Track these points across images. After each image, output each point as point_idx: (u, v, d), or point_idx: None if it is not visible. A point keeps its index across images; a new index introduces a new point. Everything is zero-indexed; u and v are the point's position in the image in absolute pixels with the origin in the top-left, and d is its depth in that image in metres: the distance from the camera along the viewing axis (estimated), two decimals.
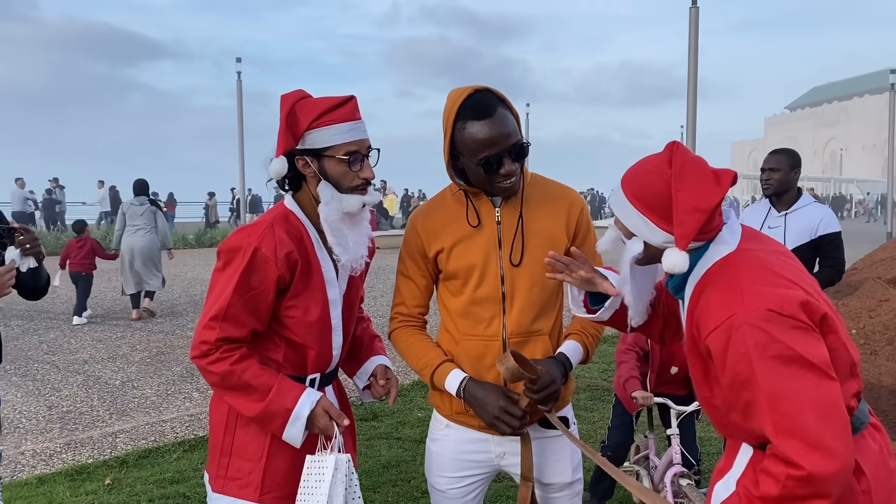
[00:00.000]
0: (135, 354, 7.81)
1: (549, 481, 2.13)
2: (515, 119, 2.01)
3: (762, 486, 1.47)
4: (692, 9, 13.61)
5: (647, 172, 1.65)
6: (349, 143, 1.93)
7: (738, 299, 1.50)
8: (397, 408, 5.80)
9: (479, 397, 1.98)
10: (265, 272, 1.90)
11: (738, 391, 1.50)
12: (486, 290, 2.04)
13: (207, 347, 1.88)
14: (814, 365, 1.44)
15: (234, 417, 2.00)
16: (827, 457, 1.39)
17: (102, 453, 4.89)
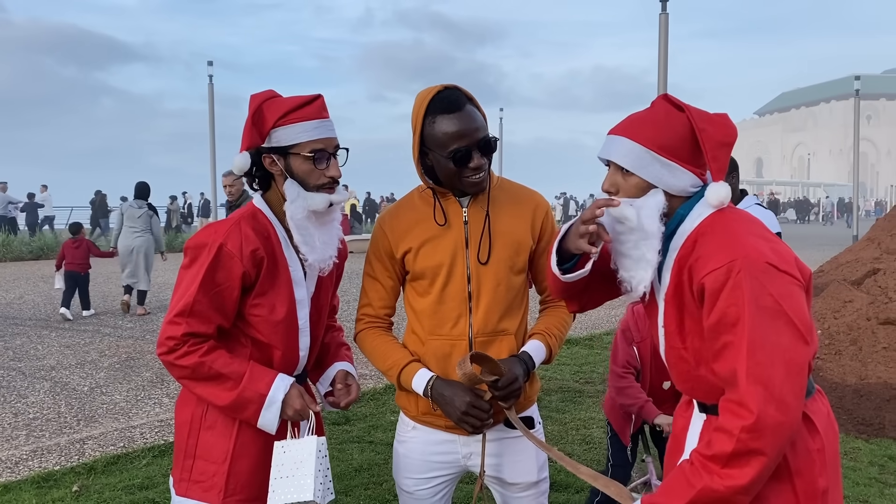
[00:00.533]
0: (104, 360, 7.71)
1: (515, 480, 2.14)
2: (483, 117, 2.05)
3: (715, 444, 1.52)
4: (662, 15, 13.79)
5: (662, 120, 1.65)
6: (315, 141, 1.93)
7: (740, 247, 1.54)
8: (370, 411, 5.80)
9: (447, 395, 1.99)
10: (230, 268, 1.90)
11: (720, 333, 1.54)
12: (453, 289, 2.06)
13: (174, 343, 1.88)
14: (795, 325, 1.52)
15: (198, 419, 1.99)
16: (781, 409, 1.47)
17: (70, 460, 4.82)
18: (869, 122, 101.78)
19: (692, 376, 1.69)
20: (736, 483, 1.49)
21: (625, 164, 1.64)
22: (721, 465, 1.51)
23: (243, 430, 1.99)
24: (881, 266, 7.31)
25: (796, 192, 60.80)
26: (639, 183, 1.65)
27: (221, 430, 1.98)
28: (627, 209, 1.64)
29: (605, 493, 1.75)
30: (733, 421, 1.50)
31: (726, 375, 1.54)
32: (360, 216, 27.12)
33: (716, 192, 1.62)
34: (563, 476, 4.31)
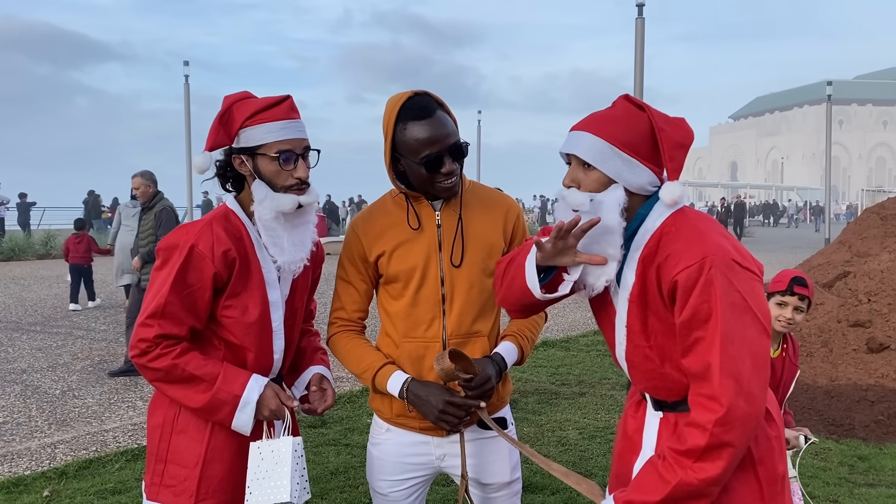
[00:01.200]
0: (76, 363, 7.61)
1: (488, 481, 2.16)
2: (454, 122, 2.06)
3: (689, 439, 1.56)
4: (638, 19, 13.90)
5: (624, 118, 1.67)
6: (282, 142, 1.92)
7: (709, 245, 1.58)
8: (346, 414, 5.78)
9: (423, 396, 2.00)
10: (202, 269, 1.89)
11: (692, 329, 1.57)
12: (427, 292, 2.07)
13: (147, 345, 1.87)
14: (759, 320, 1.58)
15: (169, 423, 1.98)
16: (749, 402, 1.53)
17: (41, 465, 4.76)
18: (841, 127, 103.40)
19: (657, 374, 1.71)
20: (709, 475, 1.54)
21: (587, 157, 1.66)
22: (694, 459, 1.54)
23: (216, 434, 1.97)
24: (851, 269, 7.43)
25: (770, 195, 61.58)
26: (600, 177, 1.66)
27: (193, 433, 1.96)
28: (584, 198, 1.65)
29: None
30: (705, 415, 1.54)
31: (697, 370, 1.57)
32: (337, 218, 27.02)
33: (670, 190, 1.65)
34: (539, 478, 4.33)
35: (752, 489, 1.67)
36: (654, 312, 1.67)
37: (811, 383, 5.83)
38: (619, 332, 1.76)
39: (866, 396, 5.54)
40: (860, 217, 10.13)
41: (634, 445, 1.81)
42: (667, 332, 1.67)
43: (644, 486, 1.61)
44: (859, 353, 6.06)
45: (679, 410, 1.73)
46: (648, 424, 1.79)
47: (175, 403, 1.97)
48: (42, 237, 21.32)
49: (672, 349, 1.67)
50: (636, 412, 1.85)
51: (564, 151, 1.72)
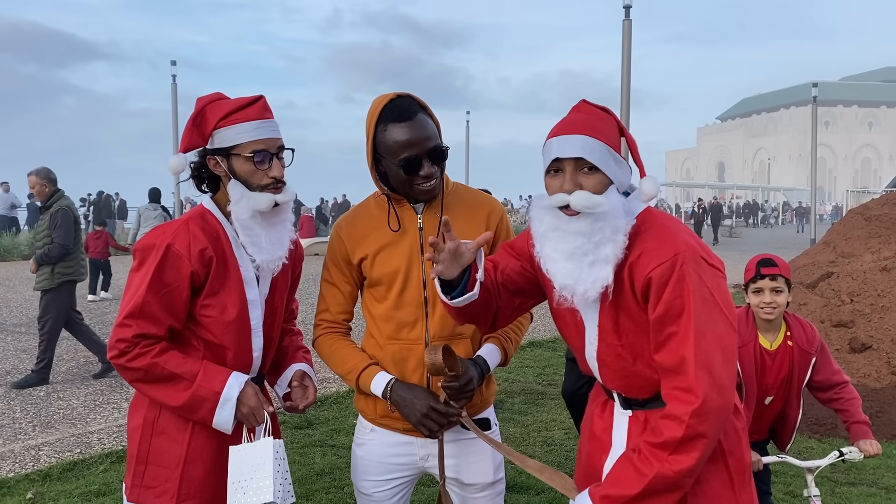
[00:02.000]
0: (61, 364, 7.57)
1: (471, 482, 2.17)
2: (436, 126, 2.07)
3: (665, 432, 1.59)
4: (625, 21, 13.97)
5: (602, 120, 1.69)
6: (256, 142, 1.94)
7: (679, 242, 1.63)
8: (332, 415, 5.78)
9: (406, 398, 2.01)
10: (179, 268, 1.90)
11: (666, 324, 1.61)
12: (410, 295, 2.08)
13: (125, 345, 1.87)
14: (726, 315, 1.63)
15: (150, 424, 1.98)
16: (721, 393, 1.58)
17: (24, 467, 4.73)
18: (827, 128, 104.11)
19: (629, 372, 1.73)
20: (684, 467, 1.58)
21: (593, 159, 1.63)
22: (670, 452, 1.58)
23: (196, 435, 1.98)
24: (835, 269, 7.50)
25: (756, 195, 61.93)
26: (602, 180, 1.65)
27: (174, 434, 1.97)
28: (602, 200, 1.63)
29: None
30: (682, 407, 1.57)
31: (671, 364, 1.60)
32: (326, 218, 26.98)
33: (651, 184, 1.69)
34: (525, 477, 4.35)
35: (724, 479, 1.72)
36: (626, 311, 1.70)
37: None
38: (589, 333, 1.78)
39: None
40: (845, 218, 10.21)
41: (604, 445, 1.84)
42: (637, 331, 1.69)
43: (620, 481, 1.64)
44: (842, 353, 6.12)
45: (649, 408, 1.76)
46: (617, 423, 1.81)
47: (155, 404, 1.97)
48: (28, 238, 21.16)
49: (643, 347, 1.70)
50: (602, 412, 1.87)
51: (573, 156, 1.64)
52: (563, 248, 1.66)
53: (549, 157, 1.69)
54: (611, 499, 1.63)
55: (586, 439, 1.93)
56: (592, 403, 1.96)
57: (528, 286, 1.91)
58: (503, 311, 1.93)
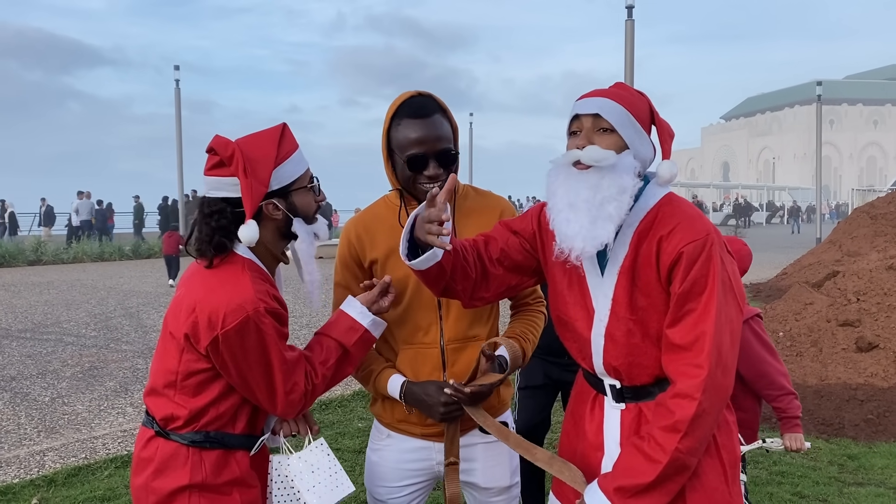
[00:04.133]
0: (66, 370, 7.58)
1: (487, 486, 2.14)
2: (453, 130, 2.06)
3: (677, 411, 1.60)
4: (628, 21, 13.95)
5: (631, 94, 1.73)
6: (308, 170, 1.90)
7: (707, 224, 1.68)
8: (337, 419, 5.77)
9: (419, 395, 2.01)
10: (282, 324, 1.81)
11: (687, 301, 1.63)
12: (422, 298, 2.06)
13: (305, 398, 1.85)
14: (737, 300, 1.68)
15: (196, 487, 1.82)
16: (724, 374, 1.63)
17: (29, 472, 4.73)
18: (832, 127, 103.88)
19: (637, 350, 1.73)
20: (691, 445, 1.60)
21: (610, 117, 1.68)
22: (683, 432, 1.59)
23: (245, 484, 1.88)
24: (841, 268, 7.47)
25: (762, 195, 61.78)
26: (617, 141, 1.68)
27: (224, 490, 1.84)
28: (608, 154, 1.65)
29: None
30: (691, 381, 1.60)
31: (686, 340, 1.62)
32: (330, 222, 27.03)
33: (668, 167, 1.72)
34: None
35: (718, 472, 1.73)
36: (642, 286, 1.70)
37: (801, 383, 5.85)
38: (600, 308, 1.76)
39: (856, 396, 5.55)
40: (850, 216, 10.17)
41: (597, 444, 1.82)
42: (648, 307, 1.70)
43: (632, 470, 1.63)
44: (849, 352, 6.09)
45: (643, 399, 1.75)
46: (608, 419, 1.81)
47: (200, 467, 1.82)
48: (32, 243, 21.22)
49: (652, 324, 1.70)
50: (592, 410, 1.86)
51: (588, 112, 1.70)
52: (567, 201, 1.69)
53: (570, 117, 1.75)
54: (625, 490, 1.62)
55: (575, 438, 1.90)
56: (577, 401, 1.94)
57: (526, 263, 1.92)
58: (493, 285, 1.91)
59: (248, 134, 1.86)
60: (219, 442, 1.83)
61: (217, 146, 1.81)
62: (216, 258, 1.81)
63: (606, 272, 1.74)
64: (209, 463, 1.82)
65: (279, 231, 1.88)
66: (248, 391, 1.80)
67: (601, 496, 1.66)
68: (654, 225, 1.69)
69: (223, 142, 1.81)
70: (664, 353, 1.68)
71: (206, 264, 1.81)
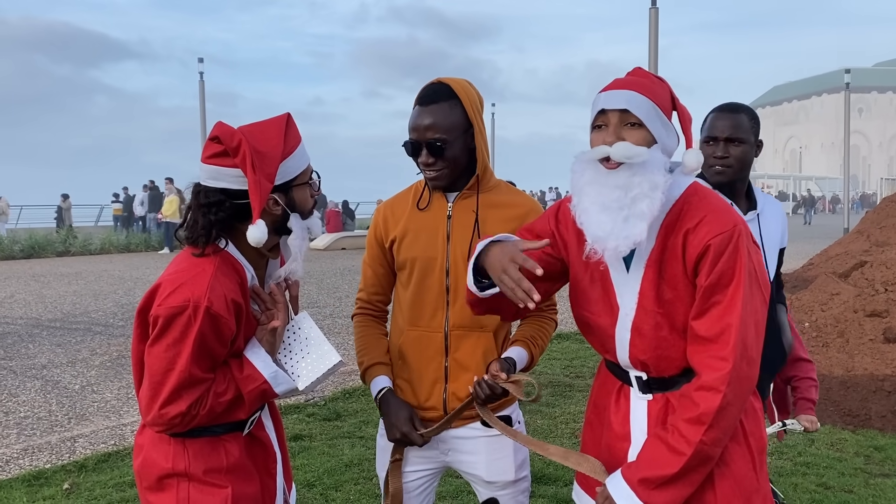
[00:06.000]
0: (95, 359, 7.71)
1: (492, 479, 2.16)
2: (468, 119, 2.05)
3: (702, 403, 1.60)
4: (652, 9, 13.82)
5: (654, 83, 1.70)
6: (308, 168, 1.85)
7: (734, 215, 1.66)
8: (360, 407, 5.82)
9: (389, 412, 2.09)
10: (221, 332, 1.72)
11: (714, 293, 1.62)
12: (432, 281, 2.10)
13: (182, 418, 1.72)
14: (762, 292, 1.66)
15: (183, 475, 1.80)
16: (750, 365, 1.62)
17: (61, 458, 4.83)
18: (861, 115, 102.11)
19: (664, 343, 1.71)
20: (716, 437, 1.60)
21: (639, 113, 1.64)
22: (707, 424, 1.58)
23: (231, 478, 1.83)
24: (869, 259, 7.37)
25: (788, 185, 60.97)
26: (645, 136, 1.65)
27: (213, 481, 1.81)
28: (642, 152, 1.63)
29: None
30: (715, 373, 1.59)
31: (712, 332, 1.61)
32: (352, 213, 27.12)
33: (695, 156, 1.68)
34: (553, 469, 4.35)
35: (746, 460, 1.72)
36: (668, 279, 1.69)
37: (827, 374, 5.80)
38: (626, 302, 1.75)
39: (883, 387, 5.49)
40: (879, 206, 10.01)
41: (623, 434, 1.82)
42: (674, 300, 1.69)
43: (656, 461, 1.63)
44: (876, 343, 6.01)
45: (670, 389, 1.75)
46: (635, 411, 1.80)
47: (183, 454, 1.80)
48: (62, 234, 21.55)
49: (678, 317, 1.69)
50: (617, 401, 1.85)
51: (616, 107, 1.65)
52: (599, 201, 1.66)
53: (595, 111, 1.71)
54: (649, 481, 1.62)
55: (600, 428, 1.90)
56: (600, 392, 1.93)
57: (552, 268, 1.90)
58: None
59: (253, 123, 1.77)
60: (202, 429, 1.79)
61: (222, 135, 1.71)
62: (207, 249, 1.75)
63: (633, 266, 1.73)
64: (192, 451, 1.78)
65: (273, 226, 1.80)
66: (147, 379, 1.72)
67: (625, 486, 1.66)
68: (680, 217, 1.68)
69: (228, 131, 1.71)
70: (689, 345, 1.67)
71: (197, 253, 1.75)
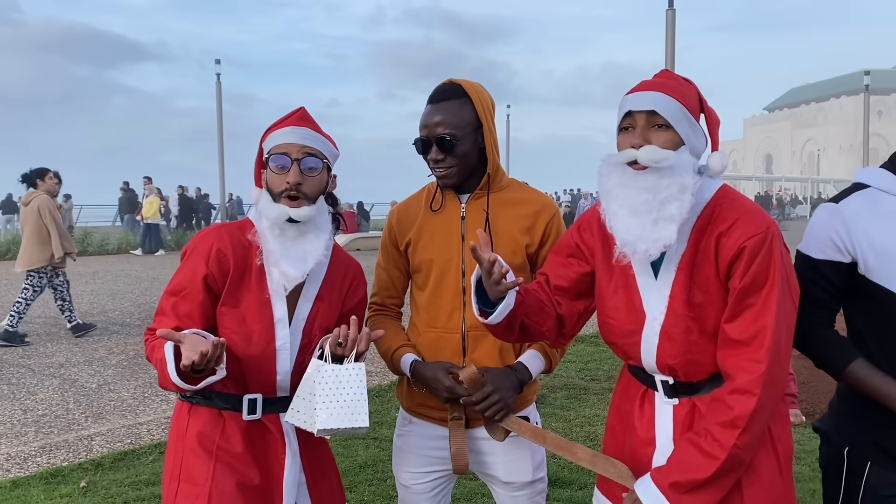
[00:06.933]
0: (112, 357, 7.77)
1: (509, 480, 2.15)
2: (478, 118, 2.06)
3: (736, 407, 1.58)
4: (669, 11, 13.76)
5: (679, 84, 1.69)
6: (278, 146, 1.92)
7: (767, 217, 1.65)
8: (375, 408, 5.82)
9: (425, 372, 2.05)
10: (195, 269, 1.92)
11: (748, 295, 1.61)
12: (448, 283, 2.10)
13: (146, 336, 1.91)
14: (793, 296, 1.65)
15: (181, 440, 1.96)
16: (783, 368, 1.61)
17: (78, 456, 4.87)
18: (880, 118, 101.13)
19: (695, 347, 1.69)
20: (749, 441, 1.59)
21: (667, 114, 1.63)
22: (740, 428, 1.57)
23: (220, 453, 1.92)
24: None
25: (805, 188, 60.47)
26: (673, 138, 1.64)
27: (201, 452, 1.91)
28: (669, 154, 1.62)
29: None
30: (749, 376, 1.58)
31: (746, 335, 1.60)
32: (367, 214, 27.18)
33: (719, 159, 1.69)
34: (567, 472, 4.33)
35: (773, 466, 1.70)
36: (700, 282, 1.68)
37: None
38: (655, 306, 1.73)
39: None
40: None
41: (648, 439, 1.79)
42: (705, 304, 1.67)
43: (688, 466, 1.61)
44: None
45: (697, 394, 1.72)
46: (660, 415, 1.77)
47: (183, 419, 1.98)
48: (79, 234, 21.74)
49: (708, 321, 1.67)
50: (641, 406, 1.82)
51: (642, 108, 1.64)
52: (627, 204, 1.65)
53: (621, 112, 1.69)
54: (680, 485, 1.61)
55: (622, 434, 1.87)
56: (623, 397, 1.90)
57: (586, 287, 1.90)
58: (568, 320, 1.91)
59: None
60: (206, 398, 1.95)
61: None
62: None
63: (662, 270, 1.71)
64: (197, 419, 1.95)
65: (269, 198, 1.93)
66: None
67: (655, 490, 1.64)
68: (711, 220, 1.66)
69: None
70: (720, 349, 1.65)
71: None
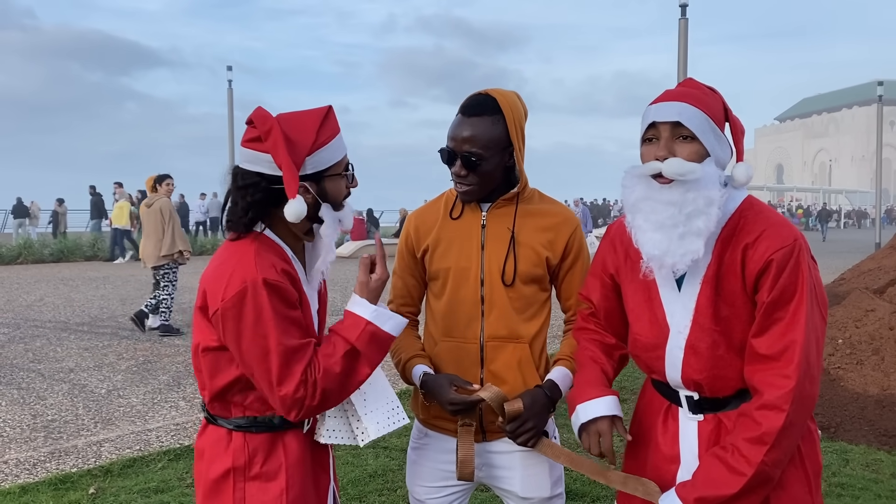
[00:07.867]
0: (121, 363, 7.76)
1: (527, 495, 2.11)
2: (508, 136, 2.01)
3: (764, 423, 1.54)
4: (681, 20, 13.72)
5: (706, 95, 1.66)
6: (345, 156, 1.83)
7: (794, 230, 1.61)
8: None
9: (433, 384, 2.01)
10: (287, 296, 1.69)
11: (776, 309, 1.57)
12: (466, 292, 2.06)
13: (302, 391, 1.66)
14: (821, 309, 1.61)
15: (241, 471, 1.79)
16: (813, 384, 1.57)
17: (87, 462, 4.85)
18: (892, 129, 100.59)
19: (721, 361, 1.66)
20: (777, 457, 1.55)
21: (692, 125, 1.60)
22: (768, 444, 1.53)
23: (293, 469, 1.82)
24: None
25: (817, 198, 60.17)
26: (698, 150, 1.61)
27: (270, 475, 1.80)
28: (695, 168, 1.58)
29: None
30: (778, 391, 1.54)
31: (775, 350, 1.56)
32: (376, 221, 27.19)
33: (745, 171, 1.66)
34: (580, 485, 4.28)
35: (803, 483, 1.67)
36: (725, 296, 1.64)
37: (862, 392, 5.65)
38: (680, 319, 1.70)
39: None
40: None
41: (673, 456, 1.76)
42: (731, 317, 1.64)
43: (714, 481, 1.58)
44: None
45: (722, 410, 1.69)
46: (685, 431, 1.74)
47: (243, 450, 1.79)
48: (90, 239, 21.84)
49: (735, 335, 1.64)
50: (665, 422, 1.79)
51: (667, 120, 1.61)
52: (653, 219, 1.62)
53: (645, 123, 1.66)
54: (706, 500, 1.58)
55: (645, 450, 1.84)
56: (646, 412, 1.87)
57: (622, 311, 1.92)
58: (624, 341, 1.96)
59: (293, 111, 1.80)
60: (265, 425, 1.78)
61: (256, 119, 1.73)
62: (244, 232, 1.76)
63: (686, 283, 1.68)
64: (252, 446, 1.78)
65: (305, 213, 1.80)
66: (252, 375, 1.69)
67: None
68: (736, 232, 1.63)
69: (263, 115, 1.73)
70: (748, 363, 1.61)
71: (233, 237, 1.77)
